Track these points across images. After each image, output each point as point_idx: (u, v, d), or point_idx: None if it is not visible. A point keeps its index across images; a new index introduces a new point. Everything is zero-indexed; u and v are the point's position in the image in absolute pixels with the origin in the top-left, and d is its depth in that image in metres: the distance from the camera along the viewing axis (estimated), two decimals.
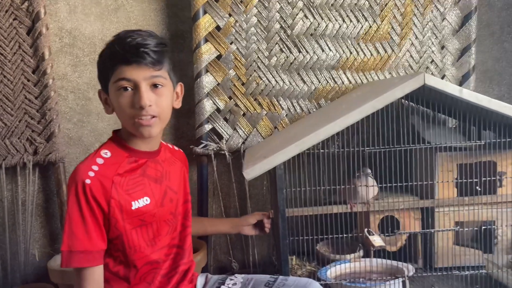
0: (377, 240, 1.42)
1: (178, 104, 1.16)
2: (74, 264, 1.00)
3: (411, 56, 1.90)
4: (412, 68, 1.91)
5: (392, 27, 1.88)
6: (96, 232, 1.03)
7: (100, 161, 1.06)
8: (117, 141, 1.11)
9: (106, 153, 1.08)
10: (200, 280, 1.27)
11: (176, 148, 1.30)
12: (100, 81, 1.10)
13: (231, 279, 1.25)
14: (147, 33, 1.05)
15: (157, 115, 1.06)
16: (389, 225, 1.62)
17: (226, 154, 1.87)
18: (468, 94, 1.35)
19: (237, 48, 1.84)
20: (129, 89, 1.04)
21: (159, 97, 1.06)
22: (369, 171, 1.56)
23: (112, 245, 1.07)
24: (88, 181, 1.01)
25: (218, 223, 1.57)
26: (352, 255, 1.65)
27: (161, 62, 1.05)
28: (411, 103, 1.75)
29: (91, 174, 1.02)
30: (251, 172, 1.31)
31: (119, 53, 1.02)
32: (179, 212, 1.20)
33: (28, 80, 1.81)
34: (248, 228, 1.49)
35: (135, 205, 1.07)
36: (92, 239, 1.02)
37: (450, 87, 1.34)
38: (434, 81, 1.33)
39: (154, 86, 1.06)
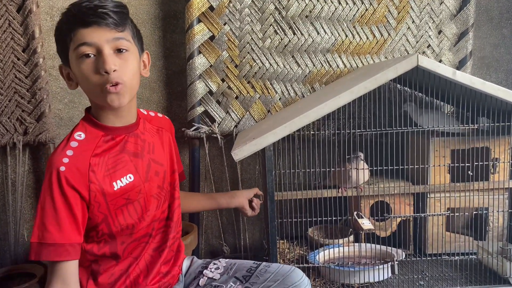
0: (366, 223, 1.41)
1: (146, 73, 1.10)
2: (43, 257, 0.95)
3: (407, 40, 1.87)
4: (408, 53, 1.88)
5: (389, 10, 1.85)
6: (70, 224, 0.97)
7: (74, 144, 1.00)
8: (90, 121, 1.05)
9: (80, 135, 1.02)
10: (186, 263, 1.25)
11: (159, 114, 1.23)
12: (59, 54, 1.03)
13: (214, 263, 1.23)
14: None
15: (122, 82, 0.98)
16: (380, 211, 1.60)
17: (219, 137, 1.85)
18: (462, 76, 1.32)
19: (231, 29, 1.81)
20: (91, 55, 0.96)
21: (125, 61, 0.99)
22: (361, 154, 1.54)
23: (95, 232, 1.04)
24: (62, 168, 0.95)
25: (213, 196, 1.50)
26: (343, 239, 1.64)
27: (123, 23, 0.99)
28: (404, 87, 1.73)
29: (66, 160, 0.97)
30: (239, 153, 1.29)
31: (77, 16, 0.95)
32: (168, 184, 1.16)
33: (18, 59, 1.78)
34: (244, 200, 1.42)
35: (118, 185, 1.03)
36: (64, 231, 0.96)
37: (443, 69, 1.31)
38: (427, 63, 1.30)
39: (118, 51, 0.98)
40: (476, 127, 1.45)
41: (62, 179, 0.95)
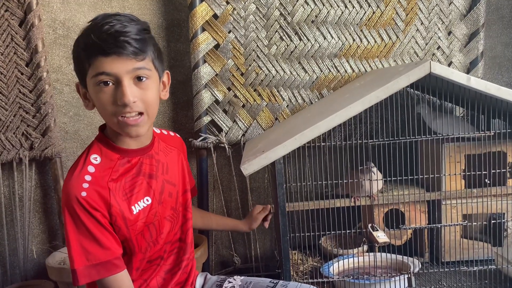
0: (381, 236, 1.37)
1: (165, 95, 1.06)
2: (94, 277, 0.96)
3: (416, 42, 1.83)
4: (417, 55, 1.84)
5: (397, 12, 1.80)
6: (108, 239, 0.97)
7: (91, 169, 0.98)
8: (105, 142, 1.02)
9: (95, 158, 1.00)
10: (199, 280, 1.23)
11: (171, 133, 1.21)
12: (77, 74, 1.00)
13: (229, 282, 1.20)
14: (126, 17, 0.94)
15: (143, 111, 0.96)
16: (394, 219, 1.57)
17: (226, 147, 1.82)
18: (476, 82, 1.28)
19: (236, 37, 1.77)
20: (110, 83, 0.93)
21: (144, 91, 0.96)
22: (373, 165, 1.50)
23: None
24: (84, 193, 0.95)
25: (226, 220, 1.53)
26: (356, 249, 1.60)
27: (144, 51, 0.94)
28: (416, 91, 1.68)
29: (85, 185, 0.96)
30: (248, 167, 1.26)
31: (96, 44, 0.91)
32: (180, 205, 1.14)
33: (22, 74, 1.76)
34: (256, 224, 1.46)
35: (136, 209, 1.02)
36: (106, 248, 0.97)
37: (457, 75, 1.27)
38: (441, 69, 1.26)
39: (138, 79, 0.95)
40: (492, 133, 1.41)
41: (85, 204, 0.95)
